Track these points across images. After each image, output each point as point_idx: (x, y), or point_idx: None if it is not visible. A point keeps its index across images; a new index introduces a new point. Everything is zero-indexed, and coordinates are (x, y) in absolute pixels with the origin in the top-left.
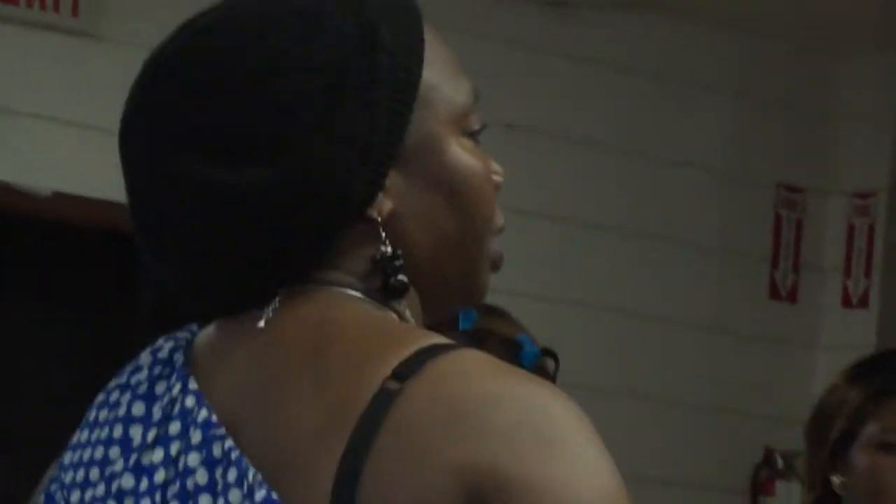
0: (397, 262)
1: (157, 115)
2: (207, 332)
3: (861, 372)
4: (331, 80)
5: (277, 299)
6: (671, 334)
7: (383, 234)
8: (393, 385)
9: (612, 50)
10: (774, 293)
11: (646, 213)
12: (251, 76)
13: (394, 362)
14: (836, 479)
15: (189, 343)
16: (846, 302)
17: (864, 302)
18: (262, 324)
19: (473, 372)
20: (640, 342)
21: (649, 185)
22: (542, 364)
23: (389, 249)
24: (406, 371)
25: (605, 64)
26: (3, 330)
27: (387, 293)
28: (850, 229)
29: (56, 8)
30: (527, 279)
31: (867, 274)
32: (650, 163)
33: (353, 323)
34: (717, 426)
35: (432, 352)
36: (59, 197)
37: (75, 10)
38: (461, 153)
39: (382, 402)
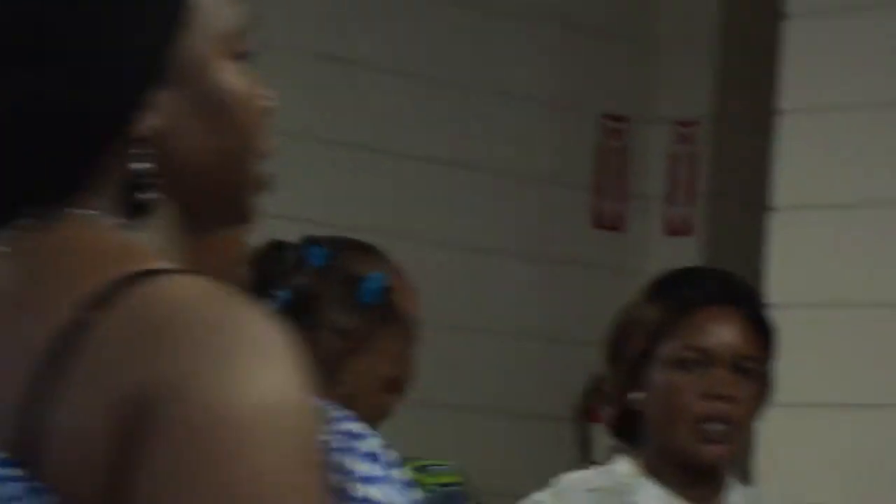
0: (150, 180)
1: None
2: None
3: (659, 289)
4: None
5: (23, 222)
6: (497, 264)
7: (142, 152)
8: (81, 315)
9: None
10: (599, 222)
11: (469, 143)
12: None
13: (90, 290)
14: (635, 397)
15: None
16: (670, 229)
17: (687, 229)
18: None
19: (174, 296)
20: (466, 273)
21: (472, 115)
22: (388, 301)
23: (139, 166)
24: (100, 300)
25: None
26: None
27: (133, 212)
28: (674, 157)
29: None
30: (355, 212)
31: (691, 201)
32: (473, 93)
33: (79, 246)
34: (543, 354)
35: (130, 278)
36: None
37: None
38: (227, 75)
39: (67, 334)
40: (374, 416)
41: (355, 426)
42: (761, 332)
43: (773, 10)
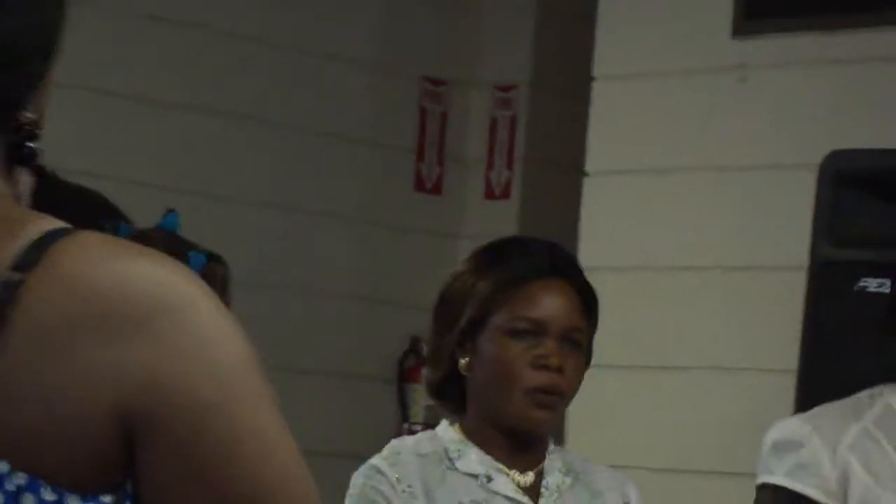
0: (36, 130)
1: None
2: None
3: (490, 260)
4: None
5: None
6: (318, 225)
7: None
8: (14, 275)
9: None
10: (420, 185)
11: (293, 104)
12: None
13: (13, 250)
14: (462, 361)
15: None
16: (489, 193)
17: (505, 193)
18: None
19: (99, 253)
20: (288, 234)
21: (294, 76)
22: (211, 270)
23: (31, 116)
24: (25, 261)
25: None
26: None
27: (16, 161)
28: (493, 122)
29: None
30: (183, 176)
31: (509, 166)
32: (296, 55)
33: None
34: (363, 316)
35: (52, 236)
36: None
37: None
38: None
39: (5, 293)
40: None
41: None
42: (588, 304)
43: None
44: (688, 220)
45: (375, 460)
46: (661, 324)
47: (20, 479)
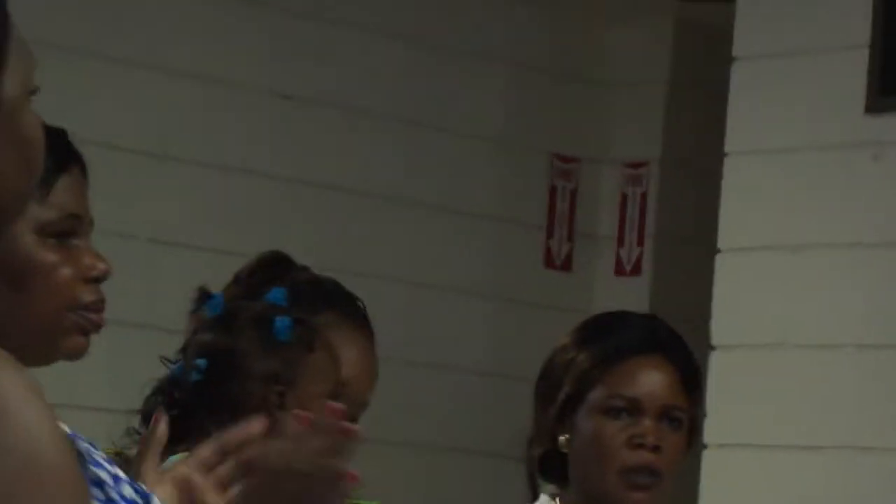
0: None
1: None
2: None
3: (589, 335)
4: None
5: None
6: (450, 302)
7: None
8: None
9: (388, 17)
10: (549, 262)
11: (422, 181)
12: None
13: None
14: (562, 439)
15: None
16: (619, 270)
17: (636, 270)
18: None
19: None
20: (421, 310)
21: (426, 153)
22: (300, 333)
23: None
24: None
25: (380, 32)
26: None
27: None
28: (623, 198)
29: None
30: (302, 250)
31: (640, 242)
32: (426, 131)
33: None
34: (494, 392)
35: None
36: None
37: None
38: (28, 114)
39: None
40: None
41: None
42: (689, 381)
43: (722, 53)
44: (822, 298)
45: None
46: (796, 402)
47: None
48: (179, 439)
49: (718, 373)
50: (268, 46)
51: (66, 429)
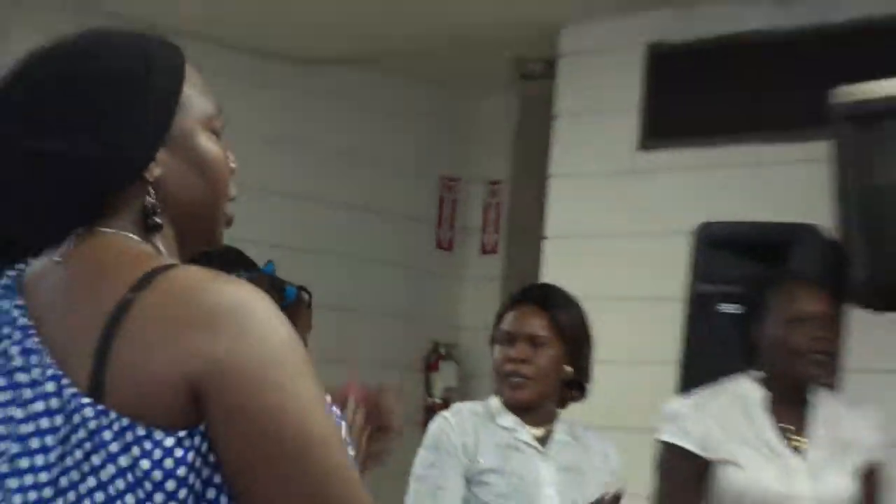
0: (156, 209)
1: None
2: (34, 265)
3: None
4: (117, 88)
5: (71, 239)
6: (376, 270)
7: (151, 190)
8: (129, 295)
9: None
10: (439, 244)
11: (360, 193)
12: (65, 82)
13: (132, 280)
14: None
15: (21, 273)
16: (483, 250)
17: (494, 250)
18: (57, 258)
19: (191, 278)
20: (355, 276)
21: (366, 179)
22: (299, 297)
23: (152, 200)
24: (140, 285)
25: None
26: None
27: (146, 231)
28: (487, 204)
29: None
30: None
31: (496, 232)
32: (366, 164)
33: (115, 254)
34: (404, 329)
35: (159, 270)
36: None
37: None
38: (207, 143)
39: (122, 307)
40: None
41: None
42: (551, 316)
43: (548, 114)
44: (616, 267)
45: (445, 413)
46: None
47: (124, 422)
48: None
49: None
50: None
51: None
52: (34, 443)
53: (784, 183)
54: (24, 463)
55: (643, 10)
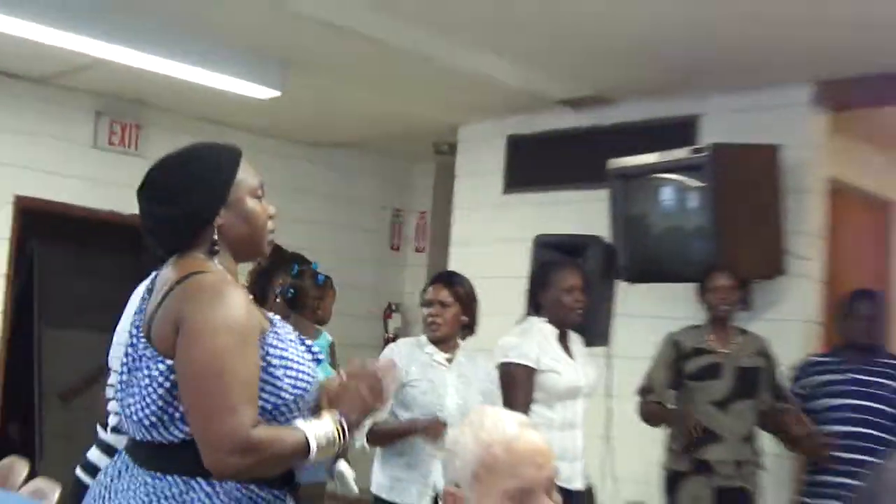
0: (216, 242)
1: (143, 193)
2: (158, 271)
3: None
4: (199, 180)
5: (172, 259)
6: (354, 265)
7: (216, 231)
8: (174, 285)
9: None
10: (392, 247)
11: (338, 215)
12: (169, 178)
13: (180, 277)
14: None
15: (156, 274)
16: (417, 250)
17: (422, 250)
18: (167, 265)
19: (199, 279)
20: (340, 270)
21: (338, 212)
22: (327, 281)
23: (214, 237)
24: (181, 280)
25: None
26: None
27: (212, 253)
28: (418, 225)
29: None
30: None
31: (424, 240)
32: (332, 199)
33: (185, 264)
34: (370, 295)
35: (195, 273)
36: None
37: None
38: (251, 203)
39: (169, 290)
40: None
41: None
42: (453, 291)
43: (452, 174)
44: (493, 261)
45: (392, 344)
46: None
47: (154, 352)
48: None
49: None
50: None
51: (264, 314)
52: (120, 352)
53: (583, 212)
54: (115, 365)
55: (506, 116)
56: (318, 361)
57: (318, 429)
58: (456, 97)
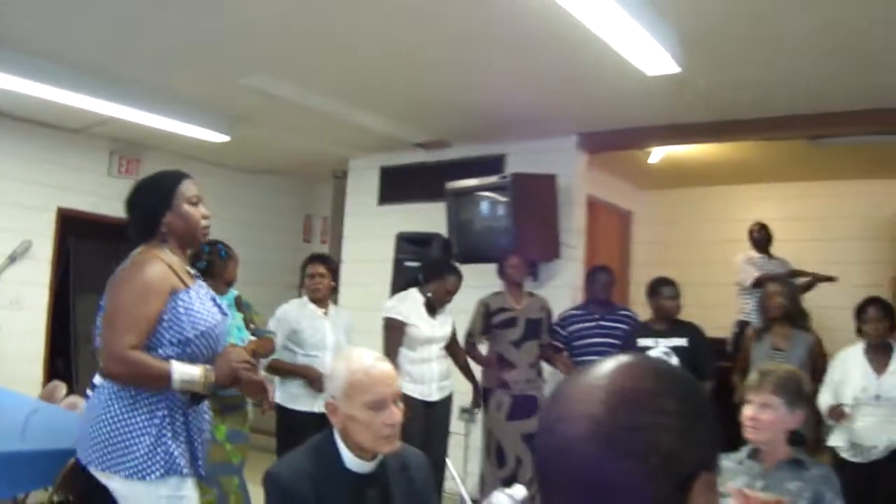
0: (166, 236)
1: (125, 203)
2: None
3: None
4: (153, 193)
5: (138, 249)
6: (277, 254)
7: (164, 228)
8: (125, 263)
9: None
10: (305, 239)
11: (264, 221)
12: (134, 196)
13: (134, 255)
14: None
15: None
16: (322, 242)
17: (326, 242)
18: (131, 255)
19: (137, 258)
20: (256, 259)
21: (267, 219)
22: (228, 252)
23: (164, 231)
24: (132, 258)
25: None
26: None
27: (163, 241)
28: (323, 226)
29: None
30: None
31: (326, 235)
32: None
33: (143, 250)
34: (286, 272)
35: (139, 253)
36: None
37: None
38: (188, 208)
39: (124, 265)
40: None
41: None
42: (328, 268)
43: (344, 191)
44: (368, 246)
45: (284, 305)
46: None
47: (103, 300)
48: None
49: (346, 279)
50: None
51: (188, 279)
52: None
53: (430, 218)
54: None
55: (380, 153)
56: (225, 314)
57: (185, 370)
58: (347, 140)
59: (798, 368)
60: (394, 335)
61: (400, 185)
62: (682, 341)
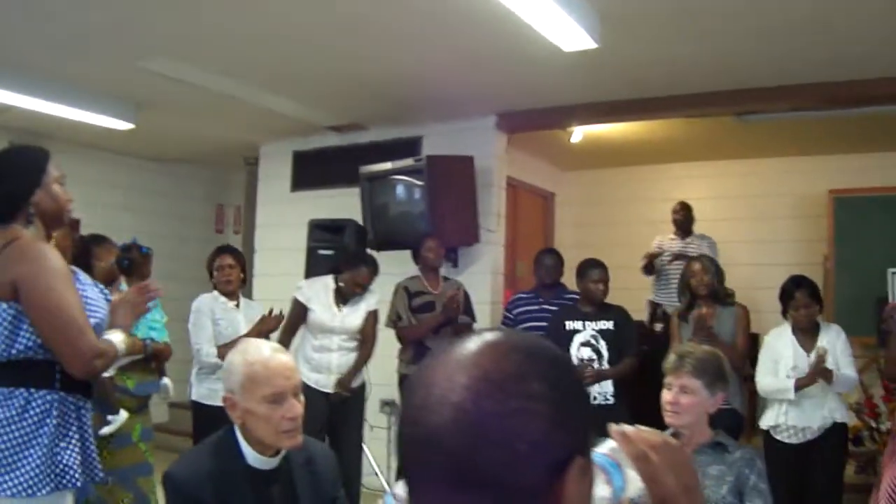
0: (31, 217)
1: None
2: None
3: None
4: (20, 172)
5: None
6: (195, 243)
7: (31, 208)
8: (2, 248)
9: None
10: (217, 230)
11: (190, 213)
12: None
13: (7, 242)
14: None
15: None
16: (235, 232)
17: (239, 232)
18: None
19: (20, 243)
20: (180, 250)
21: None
22: (148, 252)
23: (31, 212)
24: (8, 244)
25: None
26: None
27: (28, 224)
28: (235, 214)
29: None
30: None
31: (239, 224)
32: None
33: (8, 234)
34: (199, 261)
35: (17, 238)
36: None
37: None
38: (55, 188)
39: (1, 252)
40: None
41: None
42: (237, 259)
43: (256, 178)
44: (279, 234)
45: (197, 300)
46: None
47: (2, 303)
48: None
49: (260, 269)
50: None
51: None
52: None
53: (343, 204)
54: None
55: (292, 138)
56: (108, 300)
57: (117, 338)
58: (257, 125)
59: (730, 343)
60: (290, 315)
61: (313, 170)
62: (608, 325)
